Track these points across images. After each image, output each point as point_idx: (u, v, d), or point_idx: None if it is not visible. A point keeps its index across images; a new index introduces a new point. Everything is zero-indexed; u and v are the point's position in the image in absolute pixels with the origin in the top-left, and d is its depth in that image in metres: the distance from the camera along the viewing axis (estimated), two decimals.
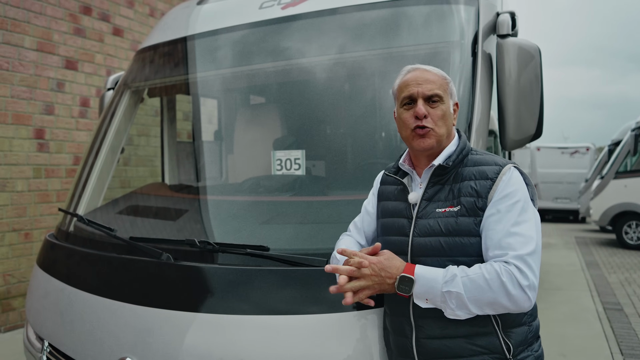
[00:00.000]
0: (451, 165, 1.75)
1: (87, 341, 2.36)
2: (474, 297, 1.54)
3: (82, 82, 6.43)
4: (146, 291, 2.25)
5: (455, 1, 2.70)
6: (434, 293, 1.58)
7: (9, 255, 5.69)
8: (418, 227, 1.74)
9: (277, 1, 3.06)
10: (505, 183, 1.67)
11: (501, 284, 1.52)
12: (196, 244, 2.22)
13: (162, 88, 3.74)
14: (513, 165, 1.74)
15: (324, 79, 2.97)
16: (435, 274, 1.60)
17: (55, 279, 2.73)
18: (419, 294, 1.61)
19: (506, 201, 1.64)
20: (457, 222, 1.67)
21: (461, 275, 1.57)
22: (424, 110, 1.73)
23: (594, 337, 5.61)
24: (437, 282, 1.58)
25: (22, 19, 5.73)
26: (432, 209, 1.74)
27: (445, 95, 1.77)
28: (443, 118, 1.76)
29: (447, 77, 1.82)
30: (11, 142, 5.66)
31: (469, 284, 1.54)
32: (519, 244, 1.58)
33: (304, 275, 2.05)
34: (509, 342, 1.66)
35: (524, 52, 2.50)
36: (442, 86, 1.77)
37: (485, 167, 1.73)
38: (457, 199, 1.70)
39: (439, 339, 1.68)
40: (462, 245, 1.66)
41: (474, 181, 1.70)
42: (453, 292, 1.55)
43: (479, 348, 1.65)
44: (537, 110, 2.51)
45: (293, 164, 2.91)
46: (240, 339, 1.98)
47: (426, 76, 1.77)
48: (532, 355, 1.72)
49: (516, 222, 1.61)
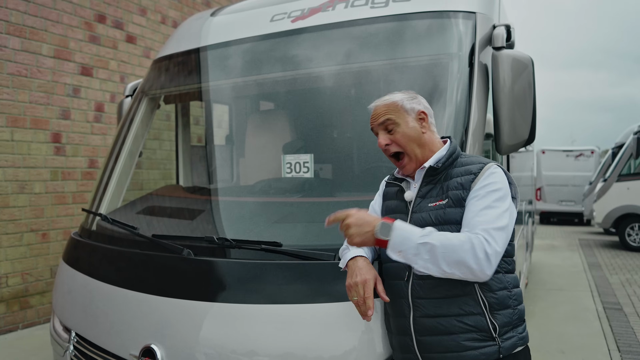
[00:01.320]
0: (441, 167, 1.96)
1: (114, 330, 2.57)
2: (445, 252, 1.70)
3: (96, 87, 6.67)
4: (169, 284, 2.45)
5: (454, 15, 2.89)
6: (408, 244, 1.74)
7: (27, 255, 5.92)
8: (413, 220, 1.95)
9: (287, 14, 3.27)
10: (486, 176, 1.87)
11: (471, 247, 1.69)
12: (215, 241, 2.43)
13: (177, 95, 3.95)
14: (496, 164, 1.95)
15: (331, 88, 3.17)
16: (413, 228, 1.80)
17: (81, 273, 2.94)
18: (394, 245, 1.76)
19: (485, 188, 1.84)
20: (445, 212, 1.88)
21: (437, 233, 1.76)
22: (382, 141, 2.00)
23: (593, 335, 5.78)
24: (414, 234, 1.76)
25: (40, 27, 5.97)
26: (425, 205, 1.95)
27: (398, 117, 1.99)
28: (404, 137, 1.98)
29: (397, 100, 2.02)
30: (29, 146, 5.90)
31: (443, 240, 1.72)
32: (489, 219, 1.76)
33: (314, 268, 2.25)
34: (495, 323, 1.86)
35: (518, 63, 2.68)
36: (392, 110, 2.00)
37: (471, 165, 1.95)
38: (446, 193, 1.92)
39: (433, 318, 1.88)
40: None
41: (460, 177, 1.92)
42: (428, 244, 1.71)
43: (468, 326, 1.84)
44: (530, 117, 2.70)
45: (302, 167, 3.11)
46: (255, 326, 2.18)
47: (377, 111, 2.03)
48: (517, 336, 1.91)
49: (489, 206, 1.80)
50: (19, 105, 5.78)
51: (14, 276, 5.79)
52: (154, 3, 7.52)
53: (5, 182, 5.66)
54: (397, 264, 1.92)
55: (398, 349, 2.02)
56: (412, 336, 1.93)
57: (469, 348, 1.84)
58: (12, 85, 5.71)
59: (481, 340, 1.85)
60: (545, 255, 11.49)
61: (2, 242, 5.66)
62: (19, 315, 5.86)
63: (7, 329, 5.74)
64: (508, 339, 1.88)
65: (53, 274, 6.19)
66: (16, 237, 5.79)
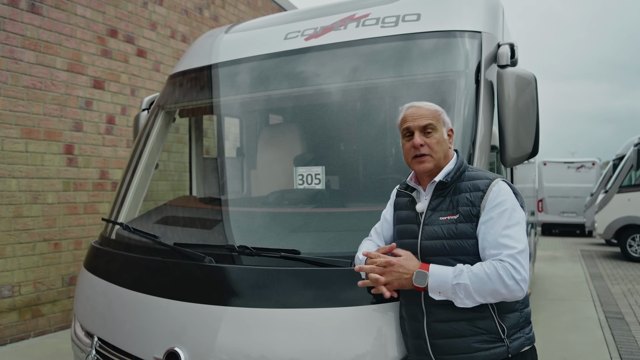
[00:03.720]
0: (450, 181, 2.10)
1: (137, 334, 2.68)
2: (478, 287, 1.88)
3: (108, 100, 6.83)
4: (191, 289, 2.57)
5: (461, 35, 3.03)
6: (445, 286, 1.92)
7: (39, 264, 6.04)
8: (425, 232, 2.09)
9: (301, 32, 3.42)
10: (495, 194, 2.01)
11: (499, 277, 1.86)
12: (235, 249, 2.56)
13: (193, 110, 4.09)
14: (501, 179, 2.09)
15: (343, 103, 3.32)
16: (446, 270, 1.95)
17: (103, 280, 3.06)
18: (433, 288, 1.95)
19: (497, 209, 1.98)
20: (457, 227, 2.03)
21: (467, 271, 1.91)
22: (419, 140, 2.10)
23: (596, 344, 5.87)
24: (448, 277, 1.92)
25: (54, 41, 6.14)
26: (436, 217, 2.09)
27: (438, 125, 2.13)
28: (438, 144, 2.12)
29: (439, 110, 2.18)
30: (43, 157, 6.04)
31: (473, 277, 1.89)
32: (510, 244, 1.92)
33: (331, 274, 2.37)
34: (503, 325, 2.00)
35: (522, 80, 2.82)
36: (435, 117, 2.14)
37: (478, 181, 2.08)
38: (456, 208, 2.06)
39: (446, 322, 2.02)
40: (462, 247, 2.01)
41: (469, 193, 2.05)
42: (461, 284, 1.89)
43: (479, 329, 1.98)
44: (534, 131, 2.84)
45: (314, 179, 3.24)
46: (275, 329, 2.29)
47: (420, 112, 2.14)
48: (524, 337, 2.05)
49: (507, 226, 1.95)
50: (34, 117, 5.93)
51: (27, 285, 5.90)
52: (163, 18, 7.70)
53: (19, 192, 5.80)
54: None
55: (413, 351, 2.14)
56: (426, 339, 2.07)
57: (480, 349, 1.97)
58: (27, 97, 5.86)
59: (491, 342, 1.98)
60: (547, 266, 11.58)
61: (16, 251, 5.78)
62: (30, 323, 5.97)
63: (19, 337, 5.85)
64: (516, 339, 2.02)
65: (64, 283, 6.31)
66: (29, 246, 5.92)
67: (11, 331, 5.77)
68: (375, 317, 2.27)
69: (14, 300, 5.77)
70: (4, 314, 5.69)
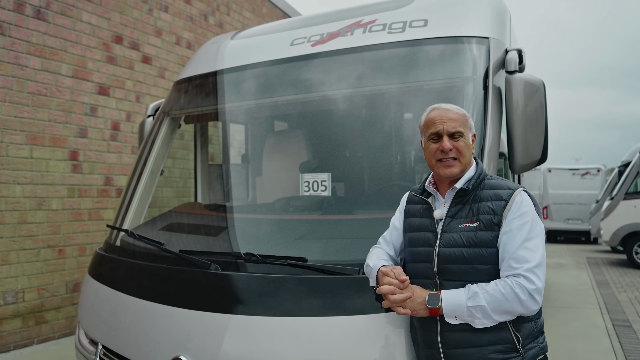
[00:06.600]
0: (471, 188, 2.06)
1: (142, 342, 2.65)
2: (495, 307, 1.88)
3: (113, 107, 6.83)
4: (196, 297, 2.54)
5: (469, 40, 3.01)
6: (460, 310, 1.92)
7: (43, 271, 6.02)
8: (444, 239, 2.05)
9: (307, 39, 3.40)
10: (518, 205, 1.99)
11: (514, 296, 1.86)
12: (242, 256, 2.53)
13: (198, 116, 4.08)
14: (523, 189, 2.06)
15: (350, 110, 3.30)
16: (458, 293, 1.94)
17: (107, 287, 3.04)
18: (448, 313, 1.94)
19: (518, 220, 1.96)
20: (477, 235, 1.99)
21: (482, 292, 1.90)
22: (449, 145, 2.05)
23: (603, 352, 5.81)
24: (462, 300, 1.92)
25: (59, 47, 6.15)
26: (455, 225, 2.05)
27: (465, 130, 2.10)
28: (465, 148, 2.08)
29: (466, 114, 2.15)
30: (47, 163, 6.03)
31: (489, 298, 1.89)
32: (529, 256, 1.91)
33: (338, 282, 2.34)
34: (518, 335, 1.97)
35: (530, 86, 2.79)
36: (463, 123, 2.10)
37: (500, 190, 2.05)
38: (477, 216, 2.02)
39: (460, 332, 1.98)
40: (481, 255, 1.98)
41: (490, 202, 2.02)
42: (478, 306, 1.89)
43: (494, 339, 1.95)
44: (542, 137, 2.81)
45: (320, 185, 3.21)
46: (281, 337, 2.27)
47: (449, 115, 2.10)
48: (538, 346, 2.03)
49: (527, 239, 1.94)
50: (39, 123, 5.93)
51: (30, 291, 5.88)
52: (169, 25, 7.71)
53: (24, 198, 5.79)
54: (422, 281, 2.07)
55: None
56: (439, 349, 2.04)
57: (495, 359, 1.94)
58: (32, 103, 5.87)
59: (505, 352, 1.95)
60: (553, 274, 11.50)
61: (20, 257, 5.77)
62: (34, 330, 5.95)
63: (23, 344, 5.82)
64: (530, 349, 1.99)
65: (68, 289, 6.28)
66: (33, 252, 5.90)
67: (15, 338, 5.74)
68: (383, 325, 2.23)
69: (17, 306, 5.75)
70: (8, 320, 5.67)
